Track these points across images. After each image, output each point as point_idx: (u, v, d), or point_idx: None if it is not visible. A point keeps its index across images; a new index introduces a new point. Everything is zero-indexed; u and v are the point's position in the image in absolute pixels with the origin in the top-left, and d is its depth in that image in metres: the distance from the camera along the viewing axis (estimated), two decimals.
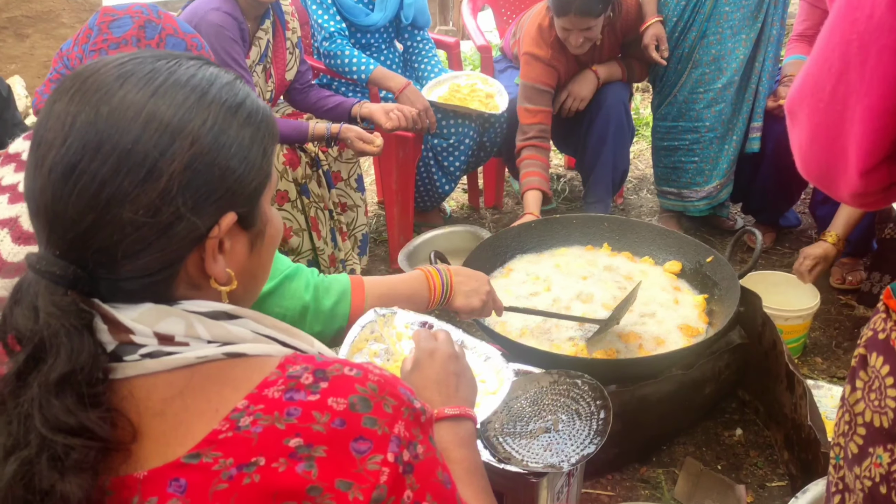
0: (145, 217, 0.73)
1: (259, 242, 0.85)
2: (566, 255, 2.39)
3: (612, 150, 3.08)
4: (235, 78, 0.83)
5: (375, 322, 1.34)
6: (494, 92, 2.99)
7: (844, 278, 3.02)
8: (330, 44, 2.90)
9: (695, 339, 2.05)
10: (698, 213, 3.27)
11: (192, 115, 0.76)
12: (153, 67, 0.78)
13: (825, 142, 0.81)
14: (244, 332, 0.80)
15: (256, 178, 0.81)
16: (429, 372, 1.12)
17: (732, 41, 2.93)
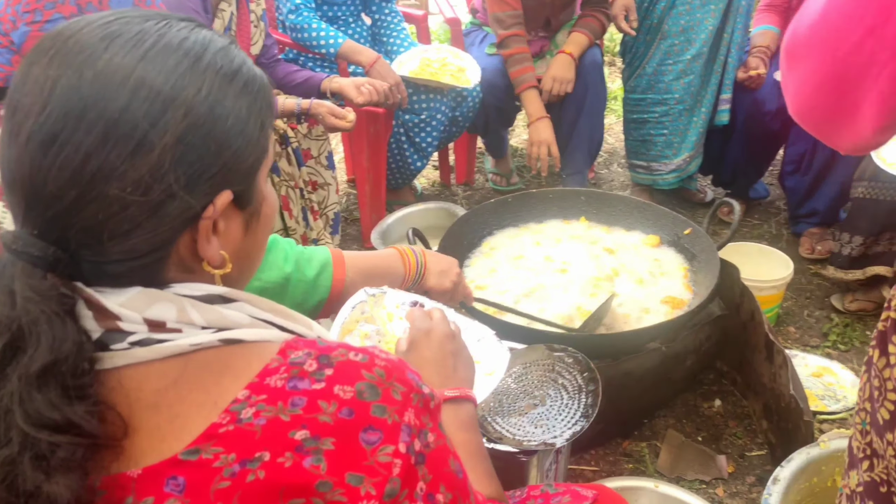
0: (134, 194, 0.67)
1: (255, 222, 0.79)
2: (543, 232, 2.36)
3: (589, 120, 3.09)
4: (230, 42, 0.76)
5: (366, 302, 1.30)
6: (466, 66, 2.94)
7: (814, 248, 3.05)
8: (296, 17, 2.81)
9: (679, 311, 2.05)
10: (667, 186, 3.27)
11: (186, 83, 0.70)
12: (141, 28, 0.71)
13: (836, 92, 0.76)
14: (241, 316, 0.74)
15: (253, 153, 0.75)
16: (425, 352, 1.09)
17: (701, 12, 2.92)
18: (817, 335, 2.62)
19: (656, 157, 3.19)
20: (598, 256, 2.18)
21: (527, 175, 3.68)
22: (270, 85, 0.80)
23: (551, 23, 3.16)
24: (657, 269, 2.18)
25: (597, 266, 2.14)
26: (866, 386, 0.93)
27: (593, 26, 3.05)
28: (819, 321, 2.69)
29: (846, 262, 2.69)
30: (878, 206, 2.57)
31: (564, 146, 3.14)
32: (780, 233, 3.23)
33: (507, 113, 3.23)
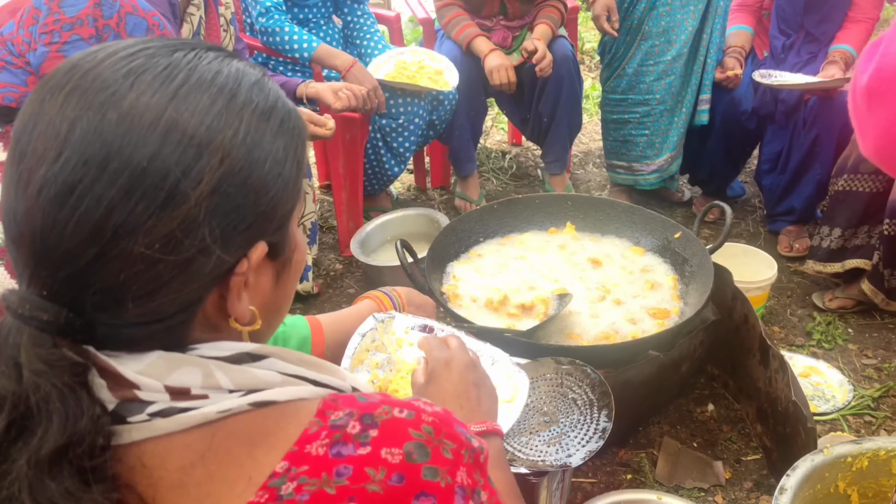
0: (162, 252, 0.60)
1: (285, 272, 0.73)
2: (527, 243, 2.32)
3: (566, 110, 3.09)
4: (263, 74, 0.69)
5: (376, 330, 1.23)
6: (443, 68, 2.88)
7: (792, 246, 3.07)
8: (267, 20, 2.72)
9: (668, 321, 2.02)
10: (649, 187, 3.26)
11: (222, 124, 0.62)
12: (169, 62, 0.63)
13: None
14: (271, 374, 0.67)
15: (290, 197, 0.68)
16: (446, 385, 1.03)
17: (681, 13, 2.91)
18: (802, 334, 2.63)
19: (638, 157, 3.17)
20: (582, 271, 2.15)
21: (504, 178, 3.64)
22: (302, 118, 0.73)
23: (508, 9, 3.10)
24: (644, 278, 2.15)
25: (584, 285, 2.10)
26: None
27: (555, 17, 3.04)
28: (802, 320, 2.70)
29: (825, 255, 2.71)
30: (857, 198, 2.59)
31: (544, 138, 3.15)
32: (757, 231, 3.24)
33: (475, 111, 3.15)
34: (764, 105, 3.01)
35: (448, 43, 3.02)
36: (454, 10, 2.99)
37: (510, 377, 1.31)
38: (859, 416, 2.25)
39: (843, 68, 2.89)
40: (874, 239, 2.61)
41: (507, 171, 3.73)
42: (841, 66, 2.89)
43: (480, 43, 2.96)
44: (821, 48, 3.02)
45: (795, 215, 3.07)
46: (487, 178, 3.68)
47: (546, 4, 3.07)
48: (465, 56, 2.97)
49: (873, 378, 2.41)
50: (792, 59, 3.04)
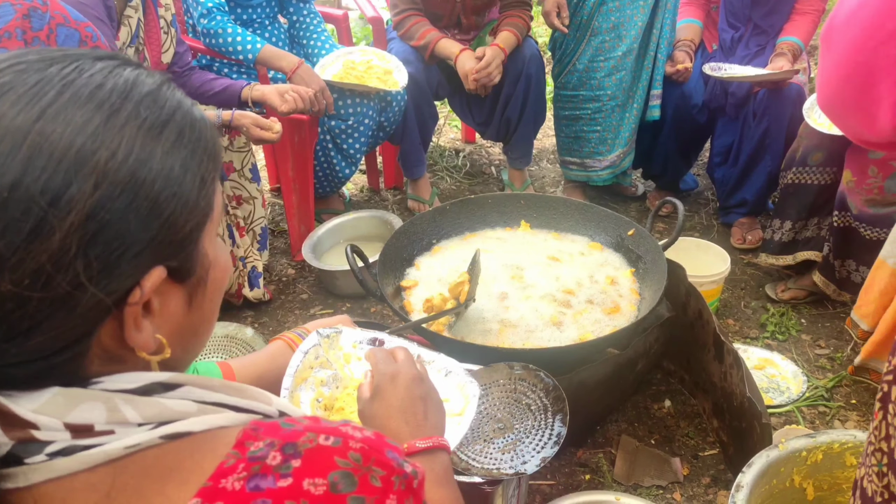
0: (32, 289, 0.54)
1: (200, 293, 0.67)
2: (487, 239, 2.29)
3: (535, 106, 3.09)
4: (161, 83, 0.64)
5: (320, 346, 1.19)
6: (392, 68, 2.83)
7: (745, 238, 3.09)
8: (209, 21, 2.64)
9: (619, 316, 2.01)
10: (602, 183, 3.25)
11: (96, 144, 0.57)
12: (41, 77, 0.58)
13: (862, 84, 0.74)
14: (186, 404, 0.62)
15: (192, 217, 0.63)
16: (392, 399, 0.99)
17: (631, 8, 2.90)
18: (756, 326, 2.65)
19: (590, 153, 3.17)
20: (544, 268, 2.13)
21: (457, 177, 3.61)
22: (214, 127, 0.68)
23: (462, 23, 3.09)
24: (604, 273, 2.13)
25: (546, 280, 2.08)
26: (881, 424, 0.89)
27: (520, 25, 3.00)
28: (756, 312, 2.72)
29: (777, 247, 2.73)
30: (806, 191, 2.61)
31: (511, 137, 3.15)
32: (710, 224, 3.26)
33: (424, 117, 3.11)
34: (714, 98, 3.02)
35: (399, 43, 2.98)
36: (413, 18, 2.94)
37: (462, 388, 1.28)
38: (813, 407, 2.27)
39: (791, 60, 2.91)
40: (824, 231, 2.64)
41: (461, 169, 3.70)
42: (789, 58, 2.91)
43: (448, 45, 2.91)
44: (769, 40, 3.04)
45: (748, 207, 3.09)
46: (441, 176, 3.64)
47: (511, 14, 3.03)
48: (417, 62, 2.92)
49: (826, 368, 2.44)
50: (741, 52, 3.06)
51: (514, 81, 2.99)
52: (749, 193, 3.05)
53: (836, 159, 2.53)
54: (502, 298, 2.03)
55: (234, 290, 2.56)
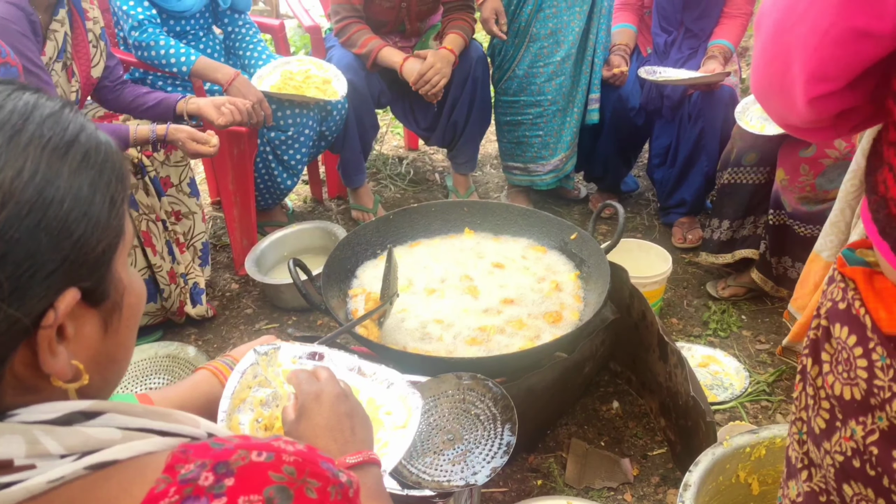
0: None
1: (115, 318, 0.66)
2: (435, 247, 2.29)
3: (480, 109, 3.09)
4: (62, 106, 0.63)
5: (257, 364, 1.16)
6: (331, 77, 2.80)
7: (685, 237, 3.15)
8: (140, 33, 2.58)
9: (562, 323, 2.02)
10: (546, 187, 3.28)
11: (1, 164, 0.56)
12: None
13: (781, 62, 0.76)
14: (110, 432, 0.61)
15: (104, 237, 0.62)
16: (318, 419, 0.98)
17: (568, 14, 2.93)
18: (698, 324, 2.70)
19: (533, 158, 3.19)
20: (488, 275, 2.13)
21: (402, 184, 3.59)
22: (120, 150, 0.66)
23: (407, 29, 3.09)
24: (549, 278, 2.15)
25: (491, 288, 2.08)
26: (801, 395, 0.92)
27: (466, 28, 3.01)
28: (698, 310, 2.77)
29: (716, 246, 2.79)
30: (742, 191, 2.67)
31: (457, 142, 3.15)
32: (652, 224, 3.32)
33: (365, 127, 3.08)
34: (650, 101, 3.08)
35: (339, 51, 2.95)
36: (355, 25, 2.91)
37: (405, 399, 1.27)
38: (756, 402, 2.32)
39: (723, 62, 2.98)
40: (760, 229, 2.70)
41: (404, 176, 3.69)
42: (720, 61, 2.98)
43: (391, 53, 2.89)
44: (700, 43, 3.11)
45: (687, 207, 3.15)
46: (385, 185, 3.63)
47: (455, 17, 3.03)
48: (359, 69, 2.91)
49: (767, 363, 2.50)
50: (674, 56, 3.12)
51: (460, 84, 2.99)
52: (687, 193, 3.11)
53: (769, 159, 2.59)
54: (440, 306, 2.03)
55: (176, 307, 2.50)
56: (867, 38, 0.67)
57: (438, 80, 2.81)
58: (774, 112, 0.82)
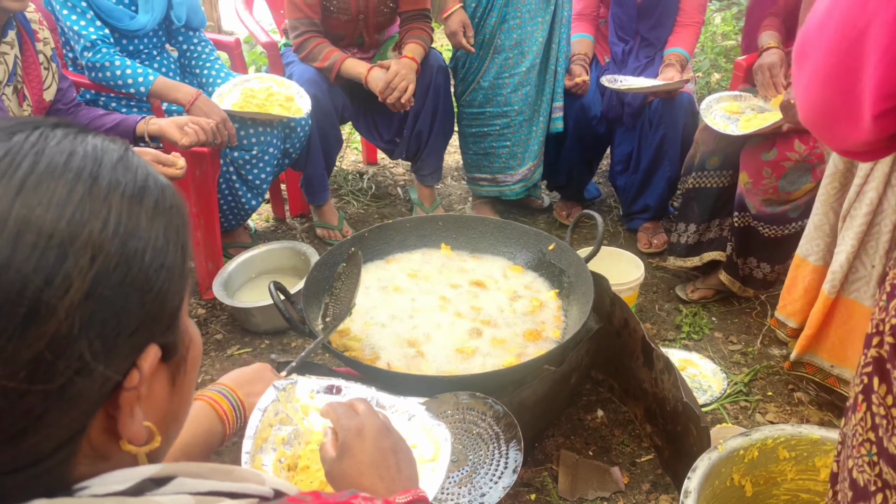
0: (30, 381, 0.48)
1: (181, 373, 0.62)
2: (412, 263, 2.25)
3: (443, 118, 3.07)
4: (126, 149, 0.58)
5: (278, 401, 1.11)
6: (294, 94, 2.75)
7: (650, 242, 3.19)
8: (94, 54, 2.48)
9: (541, 341, 2.01)
10: (515, 197, 3.28)
11: (86, 215, 0.51)
12: (8, 147, 0.51)
13: (843, 82, 0.75)
14: (183, 499, 0.56)
15: (179, 290, 0.58)
16: (361, 456, 0.93)
17: (531, 25, 2.95)
18: (672, 328, 2.73)
19: (501, 168, 3.19)
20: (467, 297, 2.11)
21: (363, 200, 3.55)
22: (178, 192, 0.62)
23: (365, 41, 3.07)
24: (530, 296, 2.14)
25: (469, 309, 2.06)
26: (867, 416, 0.90)
27: (424, 37, 2.99)
28: (670, 314, 2.80)
29: (684, 250, 2.83)
30: (706, 194, 2.72)
31: (421, 153, 3.12)
32: (616, 231, 3.35)
33: (330, 142, 3.03)
34: (611, 109, 3.11)
35: (300, 67, 2.90)
36: (315, 40, 2.87)
37: (430, 432, 1.23)
38: (735, 403, 2.35)
39: (680, 70, 3.03)
40: (726, 231, 2.75)
41: (366, 192, 3.64)
42: (678, 68, 3.03)
43: (354, 65, 2.84)
44: (656, 52, 3.16)
45: (651, 212, 3.19)
46: (347, 201, 3.57)
47: (413, 26, 3.01)
48: (323, 84, 2.86)
49: (741, 363, 2.53)
50: (632, 64, 3.16)
51: (423, 94, 2.96)
52: (651, 199, 3.15)
53: (731, 163, 2.64)
54: (420, 325, 2.00)
55: None
56: None
57: (406, 85, 2.77)
58: (833, 136, 0.81)
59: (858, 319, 2.15)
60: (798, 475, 1.81)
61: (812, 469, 1.79)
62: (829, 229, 2.16)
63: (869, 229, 2.06)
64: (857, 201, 2.05)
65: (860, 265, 2.11)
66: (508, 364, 1.88)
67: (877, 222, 2.05)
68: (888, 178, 2.00)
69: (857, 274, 2.12)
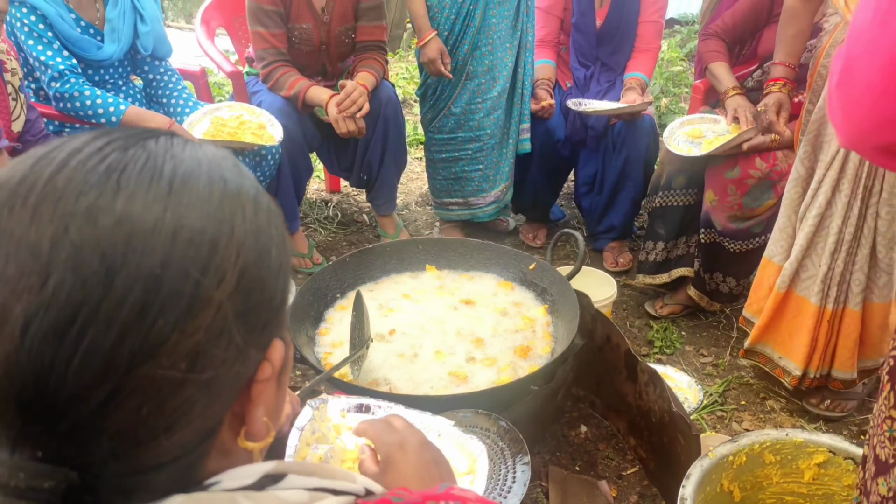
0: (190, 370, 0.50)
1: (285, 371, 0.63)
2: (399, 284, 2.27)
3: (394, 148, 3.10)
4: (226, 154, 0.60)
5: (314, 420, 1.11)
6: (265, 122, 2.75)
7: (617, 261, 3.26)
8: (62, 84, 2.45)
9: (530, 356, 2.04)
10: (488, 218, 3.33)
11: (227, 214, 0.54)
12: (147, 153, 0.53)
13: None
14: (299, 494, 0.58)
15: (288, 286, 0.61)
16: (405, 469, 0.94)
17: (501, 51, 3.02)
18: (645, 343, 2.79)
19: (474, 191, 3.24)
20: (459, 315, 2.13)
21: (330, 228, 3.55)
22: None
23: (328, 70, 3.10)
24: (520, 313, 2.17)
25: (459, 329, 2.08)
26: (890, 394, 0.96)
27: (377, 67, 3.02)
28: (641, 330, 2.87)
29: (653, 267, 2.91)
30: (673, 213, 2.81)
31: (373, 183, 3.15)
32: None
33: (300, 170, 3.03)
34: (575, 132, 3.19)
35: (269, 96, 2.90)
36: (282, 68, 2.88)
37: (463, 446, 1.23)
38: (712, 413, 2.42)
39: (640, 93, 3.13)
40: (693, 248, 2.84)
41: (332, 219, 3.64)
42: (638, 91, 3.13)
43: (318, 92, 2.86)
44: (616, 76, 3.27)
45: (616, 232, 3.27)
46: (314, 229, 3.57)
47: (367, 56, 3.05)
48: (292, 113, 2.87)
49: (713, 374, 2.61)
50: (594, 88, 3.25)
51: (372, 125, 2.99)
52: (616, 219, 3.23)
53: (696, 181, 2.74)
54: (412, 345, 2.01)
55: None
56: None
57: (363, 102, 2.80)
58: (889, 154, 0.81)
59: (805, 316, 2.27)
60: (783, 478, 1.87)
61: (796, 472, 1.85)
62: (791, 231, 2.27)
63: (818, 231, 2.19)
64: (811, 204, 2.18)
65: (810, 264, 2.23)
66: (501, 382, 1.90)
67: (825, 225, 2.17)
68: (837, 183, 2.12)
69: (807, 272, 2.24)
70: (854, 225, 2.12)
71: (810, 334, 2.25)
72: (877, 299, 2.20)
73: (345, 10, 2.96)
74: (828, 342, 2.26)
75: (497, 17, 2.97)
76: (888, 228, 2.09)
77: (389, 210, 3.33)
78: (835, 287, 2.19)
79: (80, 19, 2.55)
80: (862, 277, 2.17)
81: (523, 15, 3.03)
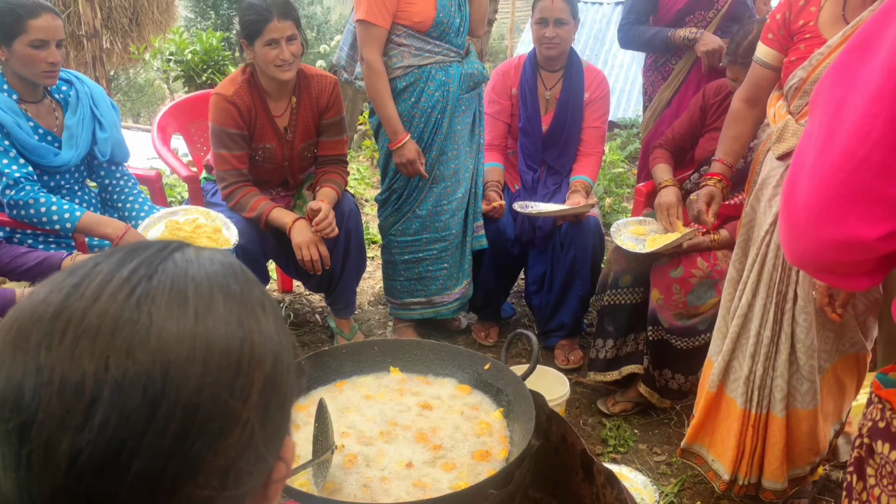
0: (221, 487, 0.53)
1: (284, 469, 0.66)
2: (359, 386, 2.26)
3: (356, 258, 3.16)
4: (233, 260, 0.64)
5: None
6: (221, 225, 2.78)
7: (568, 358, 3.32)
8: (17, 192, 2.44)
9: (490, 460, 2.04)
10: (451, 315, 3.40)
11: (246, 330, 0.57)
12: (171, 278, 0.56)
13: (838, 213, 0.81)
14: None
15: (296, 388, 0.63)
16: None
17: (464, 155, 3.16)
18: (598, 442, 2.81)
19: (438, 290, 3.29)
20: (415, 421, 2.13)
21: None
22: None
23: (290, 183, 3.19)
24: (477, 418, 2.18)
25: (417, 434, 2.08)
26: (864, 492, 0.99)
27: (339, 182, 3.10)
28: (595, 428, 2.89)
29: (603, 364, 2.96)
30: (621, 311, 2.89)
31: (335, 289, 3.19)
32: (533, 348, 3.45)
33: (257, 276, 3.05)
34: (524, 233, 3.30)
35: (226, 215, 2.95)
36: (242, 189, 2.93)
37: None
38: None
39: (585, 195, 3.27)
40: (641, 345, 2.91)
41: (285, 320, 3.62)
42: (583, 194, 3.27)
43: (281, 215, 2.90)
44: (562, 179, 3.41)
45: (566, 329, 3.34)
46: None
47: (329, 170, 3.12)
48: (251, 232, 2.91)
49: (668, 473, 2.63)
50: (541, 191, 3.39)
51: (333, 237, 3.05)
52: (566, 317, 3.31)
53: (642, 280, 2.84)
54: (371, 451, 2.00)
55: None
56: None
57: (332, 220, 2.87)
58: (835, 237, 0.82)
59: (733, 418, 2.31)
60: None
61: None
62: (726, 331, 2.35)
63: (742, 332, 2.27)
64: (738, 305, 2.26)
65: (736, 364, 2.30)
66: (458, 487, 1.89)
67: (748, 327, 2.25)
68: (756, 286, 2.22)
69: (735, 373, 2.30)
70: (771, 329, 2.18)
71: (737, 437, 2.28)
72: (800, 406, 2.21)
73: (307, 127, 3.05)
74: (754, 448, 2.27)
75: (461, 124, 3.11)
76: (806, 335, 2.13)
77: (349, 314, 3.36)
78: (757, 391, 2.23)
79: (39, 127, 2.58)
80: (782, 383, 2.19)
81: (478, 120, 3.18)
